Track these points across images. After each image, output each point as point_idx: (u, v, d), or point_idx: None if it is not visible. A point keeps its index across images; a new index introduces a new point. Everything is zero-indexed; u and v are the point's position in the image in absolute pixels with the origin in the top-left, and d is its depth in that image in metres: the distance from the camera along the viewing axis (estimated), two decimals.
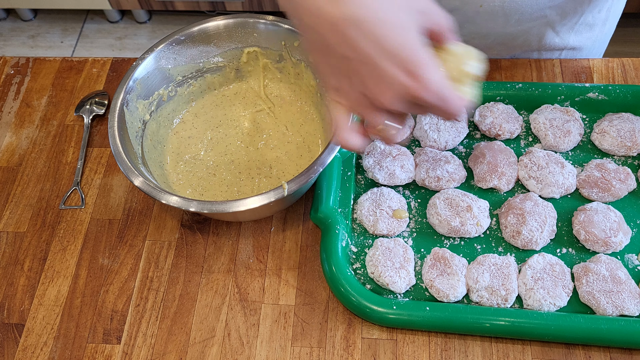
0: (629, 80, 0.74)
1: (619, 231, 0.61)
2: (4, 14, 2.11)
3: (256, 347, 0.60)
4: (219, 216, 0.66)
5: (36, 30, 2.09)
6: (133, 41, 2.04)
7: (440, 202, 0.64)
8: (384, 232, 0.64)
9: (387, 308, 0.58)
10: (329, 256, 0.61)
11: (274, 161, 0.69)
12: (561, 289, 0.59)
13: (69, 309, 0.63)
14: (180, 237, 0.67)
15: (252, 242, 0.66)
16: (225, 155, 0.71)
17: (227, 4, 1.87)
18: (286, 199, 0.60)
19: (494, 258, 0.61)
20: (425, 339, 0.59)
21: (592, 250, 0.62)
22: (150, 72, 0.68)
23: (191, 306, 0.63)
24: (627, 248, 0.62)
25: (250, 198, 0.57)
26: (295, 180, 0.58)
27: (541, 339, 0.57)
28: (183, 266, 0.65)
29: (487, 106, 0.71)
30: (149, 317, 0.62)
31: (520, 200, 0.63)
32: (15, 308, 0.64)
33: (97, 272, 0.65)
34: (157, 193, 0.58)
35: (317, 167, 0.59)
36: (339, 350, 0.59)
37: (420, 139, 0.70)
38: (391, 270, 0.61)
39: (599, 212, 0.62)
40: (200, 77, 0.73)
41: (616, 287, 0.58)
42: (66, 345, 0.61)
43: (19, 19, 2.11)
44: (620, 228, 0.61)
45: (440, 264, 0.61)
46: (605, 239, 0.61)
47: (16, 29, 2.09)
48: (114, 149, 0.62)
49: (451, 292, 0.59)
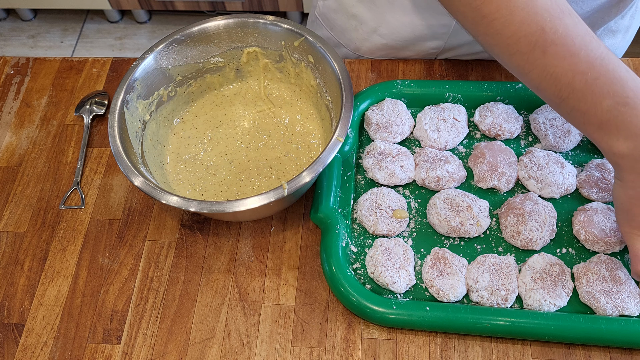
0: None
1: (619, 231, 0.61)
2: (4, 14, 2.11)
3: (256, 347, 0.60)
4: (219, 216, 0.66)
5: (36, 30, 2.09)
6: (133, 41, 2.04)
7: (440, 202, 0.64)
8: (384, 232, 0.64)
9: (387, 308, 0.58)
10: (329, 256, 0.61)
11: (274, 161, 0.69)
12: (561, 289, 0.59)
13: (69, 309, 0.63)
14: (180, 237, 0.67)
15: (252, 242, 0.66)
16: (225, 156, 0.71)
17: (227, 4, 1.87)
18: (286, 199, 0.60)
19: (494, 258, 0.61)
20: (425, 339, 0.59)
21: (592, 250, 0.62)
22: (150, 72, 0.68)
23: (191, 306, 0.63)
24: (627, 248, 0.62)
25: (250, 198, 0.57)
26: (295, 180, 0.58)
27: (541, 339, 0.57)
28: (183, 266, 0.65)
29: (487, 106, 0.71)
30: (149, 317, 0.62)
31: (520, 200, 0.63)
32: (15, 308, 0.64)
33: (97, 272, 0.65)
34: (157, 193, 0.58)
35: (317, 167, 0.59)
36: (339, 350, 0.59)
37: (420, 139, 0.70)
38: (391, 270, 0.61)
39: (599, 212, 0.62)
40: (200, 77, 0.73)
41: (616, 287, 0.58)
42: (66, 345, 0.61)
43: (19, 19, 2.11)
44: None
45: (440, 264, 0.61)
46: (605, 239, 0.61)
47: (16, 29, 2.09)
48: (114, 149, 0.62)
49: (451, 292, 0.59)
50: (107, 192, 0.71)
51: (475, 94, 0.72)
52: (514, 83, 0.71)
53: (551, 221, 0.62)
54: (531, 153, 0.67)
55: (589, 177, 0.65)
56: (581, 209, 0.63)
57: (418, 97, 0.73)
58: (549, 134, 0.68)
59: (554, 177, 0.65)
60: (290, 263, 0.65)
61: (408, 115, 0.71)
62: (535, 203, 0.63)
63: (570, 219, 0.64)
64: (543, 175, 0.65)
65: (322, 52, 0.66)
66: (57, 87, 0.81)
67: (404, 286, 0.61)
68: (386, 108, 0.71)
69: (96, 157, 0.74)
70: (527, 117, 0.71)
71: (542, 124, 0.69)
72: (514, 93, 0.71)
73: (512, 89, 0.71)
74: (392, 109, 0.71)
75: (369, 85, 0.77)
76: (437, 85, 0.72)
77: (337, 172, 0.67)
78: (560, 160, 0.66)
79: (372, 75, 0.78)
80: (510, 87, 0.71)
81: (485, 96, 0.71)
